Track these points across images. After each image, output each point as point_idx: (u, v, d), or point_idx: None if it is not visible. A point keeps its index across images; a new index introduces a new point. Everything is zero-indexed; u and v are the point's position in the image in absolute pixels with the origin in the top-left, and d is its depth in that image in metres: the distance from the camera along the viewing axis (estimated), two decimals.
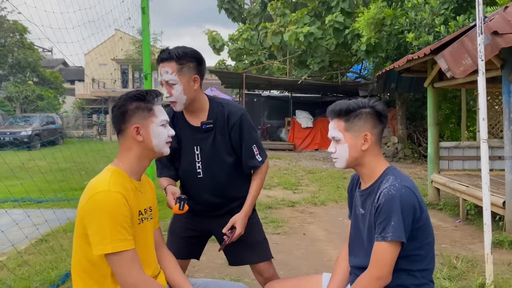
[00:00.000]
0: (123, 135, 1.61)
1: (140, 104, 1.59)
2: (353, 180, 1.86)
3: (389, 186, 1.54)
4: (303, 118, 16.05)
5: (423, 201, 1.60)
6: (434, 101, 6.23)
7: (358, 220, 1.73)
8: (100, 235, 1.42)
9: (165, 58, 1.91)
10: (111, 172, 1.56)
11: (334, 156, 1.71)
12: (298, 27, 12.26)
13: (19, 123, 17.87)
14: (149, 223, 1.69)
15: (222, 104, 2.08)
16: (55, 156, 5.53)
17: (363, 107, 1.65)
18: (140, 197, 1.63)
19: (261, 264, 2.16)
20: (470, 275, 3.43)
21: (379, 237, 1.52)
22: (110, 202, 1.45)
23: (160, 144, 1.63)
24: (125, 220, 1.47)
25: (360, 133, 1.64)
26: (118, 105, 1.59)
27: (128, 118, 1.58)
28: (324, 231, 4.89)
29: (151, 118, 1.60)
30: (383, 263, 1.52)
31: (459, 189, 5.24)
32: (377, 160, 1.67)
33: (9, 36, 21.97)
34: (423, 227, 1.56)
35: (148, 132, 1.59)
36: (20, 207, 5.60)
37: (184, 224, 2.20)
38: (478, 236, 4.55)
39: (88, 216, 1.45)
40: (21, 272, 3.44)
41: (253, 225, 2.19)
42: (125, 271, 1.45)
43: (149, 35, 3.91)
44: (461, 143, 6.46)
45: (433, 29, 7.13)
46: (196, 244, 2.27)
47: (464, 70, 3.98)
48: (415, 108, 13.39)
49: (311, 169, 10.37)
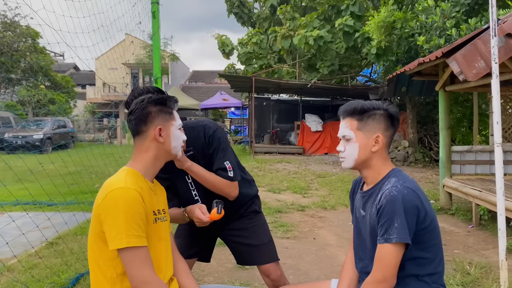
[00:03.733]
0: (141, 137, 1.64)
1: (162, 108, 1.65)
2: (354, 185, 1.84)
3: (391, 187, 1.52)
4: (312, 122, 16.00)
5: (428, 202, 1.57)
6: (445, 104, 6.16)
7: (359, 223, 1.71)
8: (116, 230, 1.44)
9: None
10: (126, 172, 1.59)
11: (342, 156, 1.69)
12: (308, 31, 12.24)
13: (31, 127, 18.08)
14: (164, 224, 1.70)
15: (193, 128, 2.03)
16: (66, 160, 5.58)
17: (377, 109, 1.64)
18: (154, 197, 1.66)
19: (268, 266, 2.17)
20: (484, 282, 3.37)
21: (381, 239, 1.49)
22: (127, 199, 1.47)
23: (177, 146, 1.69)
24: (140, 218, 1.49)
25: (372, 134, 1.62)
26: (140, 107, 1.62)
27: (151, 120, 1.62)
28: (335, 235, 4.84)
29: (171, 121, 1.67)
30: (387, 266, 1.48)
31: (472, 193, 5.16)
32: (384, 164, 1.65)
33: (21, 41, 22.27)
34: (428, 228, 1.53)
35: (169, 134, 1.66)
36: (31, 210, 5.65)
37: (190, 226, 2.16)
38: (492, 241, 4.47)
39: (104, 213, 1.48)
40: (31, 275, 3.45)
41: (259, 227, 2.22)
42: (137, 267, 1.46)
43: (159, 39, 3.92)
44: (474, 147, 6.37)
45: (444, 32, 7.06)
46: (202, 246, 2.29)
47: (477, 73, 3.93)
48: (426, 111, 13.27)
49: (320, 173, 10.32)
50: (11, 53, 21.36)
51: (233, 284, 3.36)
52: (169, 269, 1.69)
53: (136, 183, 1.55)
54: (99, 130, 27.20)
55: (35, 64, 22.33)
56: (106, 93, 29.46)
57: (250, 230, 2.20)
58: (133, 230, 1.45)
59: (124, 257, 1.46)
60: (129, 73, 30.89)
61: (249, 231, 2.20)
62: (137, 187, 1.53)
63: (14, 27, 21.76)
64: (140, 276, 1.46)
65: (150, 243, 1.56)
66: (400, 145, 12.53)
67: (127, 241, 1.44)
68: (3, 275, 3.44)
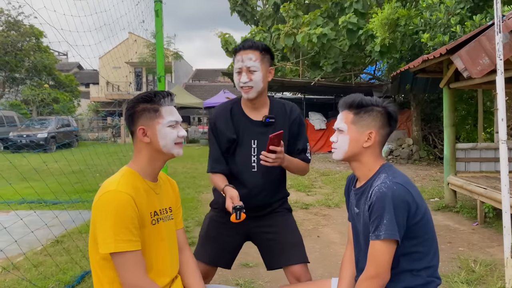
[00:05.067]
0: (134, 137, 1.63)
1: (146, 106, 1.59)
2: (349, 181, 1.84)
3: (381, 183, 1.52)
4: (316, 120, 15.97)
5: (420, 195, 1.57)
6: (450, 102, 6.13)
7: (355, 220, 1.71)
8: (105, 234, 1.44)
9: (249, 46, 2.03)
10: (122, 173, 1.58)
11: (334, 146, 1.70)
12: (311, 29, 12.20)
13: (36, 126, 18.15)
14: (167, 223, 1.68)
15: (281, 102, 2.19)
16: (69, 159, 5.60)
17: (376, 105, 1.64)
18: (155, 198, 1.63)
19: (299, 267, 2.06)
20: (489, 279, 3.36)
21: (373, 235, 1.51)
22: (116, 202, 1.46)
23: (168, 145, 1.60)
24: (130, 221, 1.47)
25: (365, 129, 1.62)
26: (128, 107, 1.61)
27: (136, 120, 1.59)
28: (339, 233, 4.84)
29: (157, 119, 1.58)
30: (379, 262, 1.50)
31: (476, 191, 5.14)
32: (375, 161, 1.65)
33: (25, 40, 22.35)
34: (420, 222, 1.53)
35: (155, 134, 1.58)
36: (36, 208, 5.67)
37: (222, 229, 2.14)
38: (497, 239, 4.45)
39: (95, 215, 1.48)
40: (37, 272, 3.47)
41: (293, 224, 2.19)
42: (127, 272, 1.45)
43: (163, 38, 3.92)
44: (478, 144, 6.34)
45: (449, 29, 7.03)
46: (230, 251, 2.20)
47: (482, 70, 3.91)
48: (430, 109, 13.22)
49: (324, 171, 10.31)
50: (15, 52, 21.45)
51: (237, 282, 3.36)
52: (174, 268, 1.68)
53: (131, 185, 1.53)
54: (102, 129, 27.27)
55: (39, 63, 22.43)
56: (110, 92, 29.52)
57: (283, 226, 2.14)
58: (121, 235, 1.44)
59: (114, 261, 1.46)
60: (132, 72, 30.94)
61: (283, 227, 2.14)
62: (130, 190, 1.50)
63: (18, 27, 21.84)
64: (131, 280, 1.46)
65: (150, 244, 1.56)
66: (404, 143, 12.49)
67: (114, 246, 1.43)
68: (10, 273, 3.46)
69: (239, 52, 2.04)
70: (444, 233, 4.77)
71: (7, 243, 3.26)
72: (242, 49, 2.03)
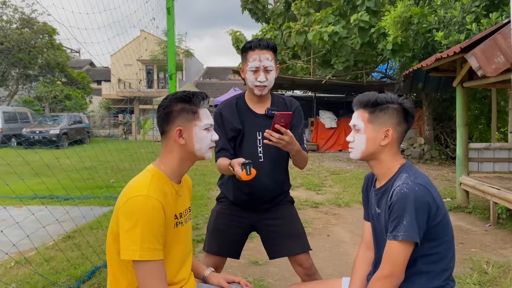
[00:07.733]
0: (166, 137, 1.57)
1: (185, 106, 1.54)
2: (367, 180, 1.83)
3: (402, 184, 1.50)
4: (326, 119, 15.91)
5: (439, 196, 1.55)
6: (463, 101, 6.05)
7: (375, 220, 1.70)
8: (131, 240, 1.40)
9: (265, 46, 2.12)
10: (152, 175, 1.52)
11: (350, 146, 1.69)
12: (323, 27, 12.13)
13: (48, 122, 18.37)
14: (185, 227, 1.65)
15: (282, 97, 2.32)
16: (81, 155, 5.65)
17: (391, 102, 1.61)
18: (179, 200, 1.60)
19: (302, 255, 2.21)
20: (502, 281, 3.31)
21: (390, 235, 1.49)
22: (147, 209, 1.41)
23: (202, 148, 1.58)
24: (158, 230, 1.43)
25: (382, 128, 1.60)
26: (163, 105, 1.56)
27: (172, 120, 1.54)
28: (349, 232, 4.81)
29: (195, 121, 1.55)
30: (394, 262, 1.48)
31: (489, 192, 5.07)
32: (394, 159, 1.63)
33: (39, 38, 22.60)
34: (440, 224, 1.52)
35: (191, 136, 1.55)
36: (48, 204, 5.74)
37: (230, 221, 2.24)
38: (510, 240, 4.39)
39: (123, 218, 1.43)
40: (48, 267, 3.51)
41: (296, 216, 2.30)
42: (148, 280, 1.42)
43: (174, 35, 3.93)
44: (492, 144, 6.26)
45: (464, 27, 6.92)
46: (238, 242, 2.32)
47: (496, 68, 3.86)
48: (442, 108, 13.07)
49: (334, 170, 10.26)
50: (29, 49, 21.69)
51: (246, 280, 3.36)
52: (186, 270, 1.67)
53: (160, 190, 1.49)
54: (114, 126, 27.51)
55: (52, 60, 22.66)
56: (121, 89, 29.73)
57: (288, 218, 2.25)
58: (148, 243, 1.40)
59: (136, 268, 1.43)
60: (143, 69, 31.11)
61: (287, 220, 2.25)
62: (160, 196, 1.46)
63: (32, 24, 22.09)
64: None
65: (168, 246, 1.53)
66: (416, 142, 12.38)
67: (139, 254, 1.39)
68: (23, 267, 3.51)
69: (255, 51, 2.11)
70: (456, 234, 4.70)
71: (19, 238, 3.30)
72: (258, 48, 2.11)
